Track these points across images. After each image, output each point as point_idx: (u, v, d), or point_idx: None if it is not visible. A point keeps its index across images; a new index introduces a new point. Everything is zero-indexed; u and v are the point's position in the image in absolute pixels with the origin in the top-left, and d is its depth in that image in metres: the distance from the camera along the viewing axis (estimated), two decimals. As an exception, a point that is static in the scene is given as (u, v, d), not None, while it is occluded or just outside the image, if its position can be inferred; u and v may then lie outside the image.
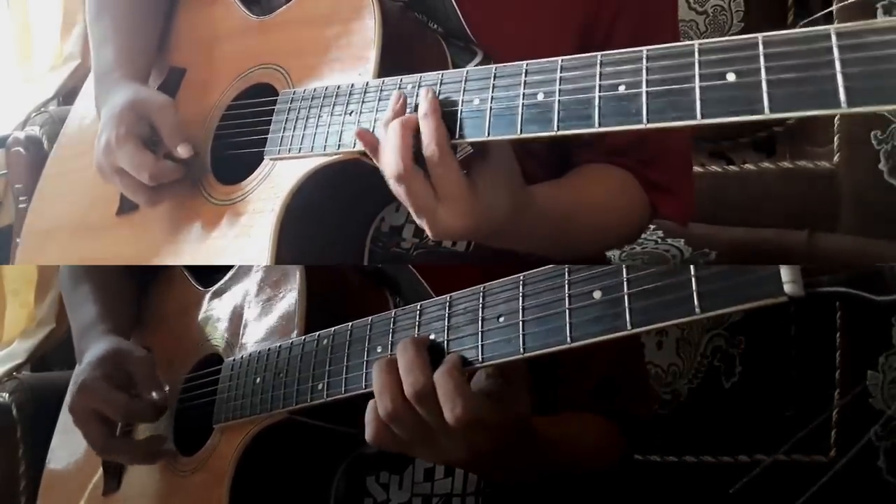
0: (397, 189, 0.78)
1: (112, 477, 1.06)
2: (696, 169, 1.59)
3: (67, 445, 1.15)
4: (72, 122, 1.25)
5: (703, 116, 0.63)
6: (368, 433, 0.74)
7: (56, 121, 1.54)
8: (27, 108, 1.70)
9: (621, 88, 0.67)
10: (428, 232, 0.80)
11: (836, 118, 1.51)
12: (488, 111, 0.75)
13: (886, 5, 1.45)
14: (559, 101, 0.71)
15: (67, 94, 1.75)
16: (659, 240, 1.48)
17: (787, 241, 1.47)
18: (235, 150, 0.99)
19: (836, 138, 1.52)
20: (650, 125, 0.65)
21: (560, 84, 0.71)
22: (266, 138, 0.94)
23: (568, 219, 0.94)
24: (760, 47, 0.61)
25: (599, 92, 0.68)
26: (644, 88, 0.66)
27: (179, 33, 1.14)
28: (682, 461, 1.40)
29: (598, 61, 0.69)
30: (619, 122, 0.67)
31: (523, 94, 0.73)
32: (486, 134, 0.75)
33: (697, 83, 0.63)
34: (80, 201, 1.15)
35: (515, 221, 0.81)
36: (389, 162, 0.77)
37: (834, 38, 0.58)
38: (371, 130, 0.82)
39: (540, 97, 0.72)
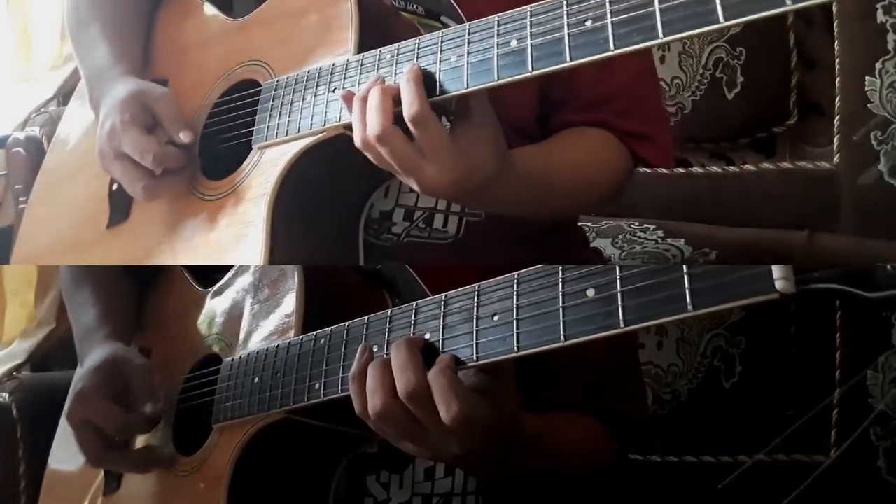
0: (379, 151, 0.80)
1: (112, 477, 1.06)
2: (696, 169, 1.60)
3: (69, 446, 1.15)
4: (56, 146, 1.24)
5: (664, 35, 0.67)
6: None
7: (56, 121, 1.53)
8: (27, 108, 1.71)
9: (588, 23, 0.72)
10: (416, 189, 0.82)
11: (836, 119, 1.51)
12: (466, 65, 0.78)
13: (886, 5, 1.45)
14: (531, 44, 0.75)
15: (67, 95, 1.73)
16: (659, 239, 1.48)
17: (787, 241, 1.47)
18: (224, 145, 1.00)
19: (836, 139, 1.52)
20: (617, 51, 0.70)
21: (531, 28, 0.75)
22: (252, 130, 0.95)
23: (550, 175, 0.96)
24: None
25: (568, 30, 0.73)
26: (609, 20, 0.70)
27: (159, 46, 1.14)
28: (682, 461, 1.40)
29: (565, 2, 0.74)
30: (588, 54, 0.72)
31: (497, 44, 0.77)
32: (466, 85, 0.78)
33: (657, 5, 0.68)
34: (69, 222, 1.14)
35: (500, 178, 0.83)
36: (371, 123, 0.79)
37: None
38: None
39: (514, 44, 0.76)
